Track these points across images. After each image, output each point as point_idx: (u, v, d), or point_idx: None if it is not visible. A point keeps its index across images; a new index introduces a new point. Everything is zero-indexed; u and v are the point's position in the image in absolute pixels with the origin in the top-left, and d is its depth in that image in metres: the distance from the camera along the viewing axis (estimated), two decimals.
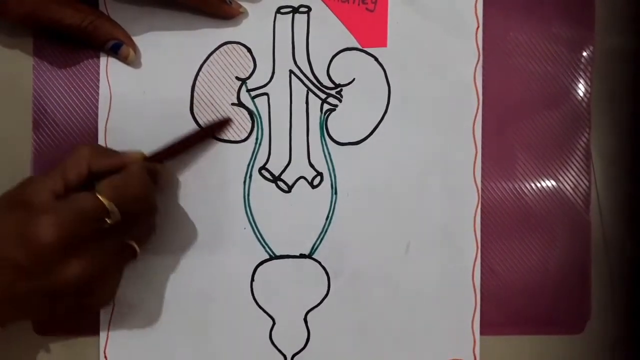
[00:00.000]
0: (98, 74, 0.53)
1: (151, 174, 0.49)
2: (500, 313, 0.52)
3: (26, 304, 0.45)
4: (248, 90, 0.53)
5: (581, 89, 0.52)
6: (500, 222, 0.53)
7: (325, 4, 0.53)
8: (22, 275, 0.43)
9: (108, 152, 0.50)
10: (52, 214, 0.43)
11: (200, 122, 0.53)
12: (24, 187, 0.46)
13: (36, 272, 0.43)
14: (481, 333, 0.52)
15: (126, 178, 0.47)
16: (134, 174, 0.47)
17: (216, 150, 0.53)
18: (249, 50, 0.53)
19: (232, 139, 0.53)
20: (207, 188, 0.52)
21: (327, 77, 0.53)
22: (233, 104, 0.53)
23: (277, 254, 0.53)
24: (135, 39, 0.52)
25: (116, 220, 0.45)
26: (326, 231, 0.53)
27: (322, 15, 0.53)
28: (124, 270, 0.49)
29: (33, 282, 0.44)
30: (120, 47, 0.52)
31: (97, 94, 0.53)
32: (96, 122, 0.53)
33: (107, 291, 0.48)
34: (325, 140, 0.53)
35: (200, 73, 0.53)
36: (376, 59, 0.53)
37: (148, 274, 0.52)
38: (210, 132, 0.52)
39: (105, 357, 0.53)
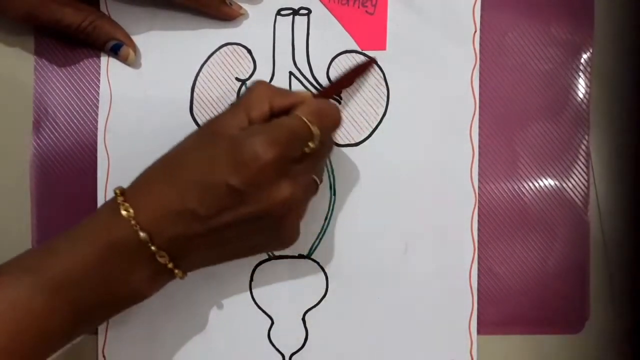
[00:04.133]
0: (99, 73, 0.53)
1: None
2: (499, 313, 0.52)
3: (229, 236, 0.44)
4: None
5: (581, 89, 0.52)
6: (500, 223, 0.52)
7: (326, 6, 0.53)
8: (236, 201, 0.42)
9: (283, 91, 0.48)
10: (265, 133, 0.42)
11: (200, 123, 0.53)
12: (211, 124, 0.45)
13: (251, 195, 0.42)
14: (480, 333, 0.52)
15: (323, 106, 0.46)
16: (328, 104, 0.47)
17: None
18: (249, 51, 0.53)
19: None
20: None
21: (327, 79, 0.53)
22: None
23: (276, 254, 0.53)
24: (136, 39, 0.53)
25: (316, 146, 0.44)
26: (325, 232, 0.52)
27: (322, 17, 0.53)
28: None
29: (246, 208, 0.42)
30: (120, 48, 0.52)
31: (98, 93, 0.53)
32: (96, 121, 0.53)
33: (297, 225, 0.46)
34: None
35: (201, 74, 0.53)
36: (375, 62, 0.53)
37: None
38: (369, 66, 0.52)
39: (104, 357, 0.53)
